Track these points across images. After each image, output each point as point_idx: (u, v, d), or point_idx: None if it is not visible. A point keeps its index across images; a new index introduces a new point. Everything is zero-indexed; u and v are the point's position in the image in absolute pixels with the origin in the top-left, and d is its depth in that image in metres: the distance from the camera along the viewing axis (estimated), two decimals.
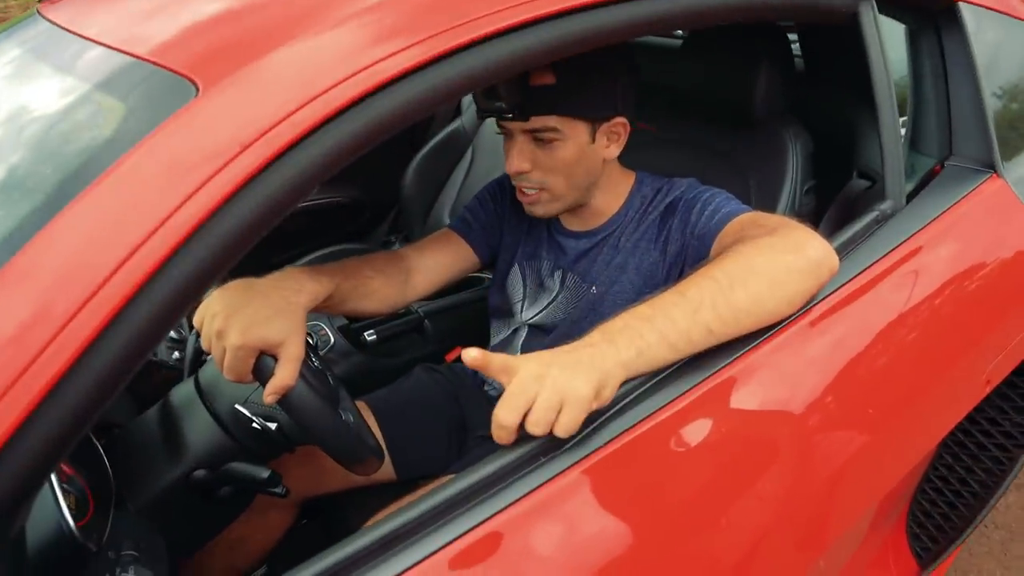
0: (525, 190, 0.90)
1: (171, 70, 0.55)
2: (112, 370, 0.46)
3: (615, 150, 0.90)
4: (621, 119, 0.88)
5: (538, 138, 0.85)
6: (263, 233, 0.52)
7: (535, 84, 0.81)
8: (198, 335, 1.15)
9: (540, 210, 0.92)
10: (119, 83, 0.60)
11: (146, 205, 0.47)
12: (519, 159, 0.86)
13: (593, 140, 0.87)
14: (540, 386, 0.57)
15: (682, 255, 0.87)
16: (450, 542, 0.55)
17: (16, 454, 0.43)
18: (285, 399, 0.69)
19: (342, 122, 0.53)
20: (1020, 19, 1.06)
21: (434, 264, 1.00)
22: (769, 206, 1.04)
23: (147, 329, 0.46)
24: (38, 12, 0.79)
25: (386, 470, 1.01)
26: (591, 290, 0.95)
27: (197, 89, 0.52)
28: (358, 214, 1.81)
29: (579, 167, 0.88)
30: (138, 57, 0.59)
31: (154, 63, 0.57)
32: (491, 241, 1.06)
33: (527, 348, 1.01)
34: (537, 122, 0.83)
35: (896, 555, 1.05)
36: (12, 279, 0.46)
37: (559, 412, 0.57)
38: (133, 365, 0.47)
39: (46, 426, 0.43)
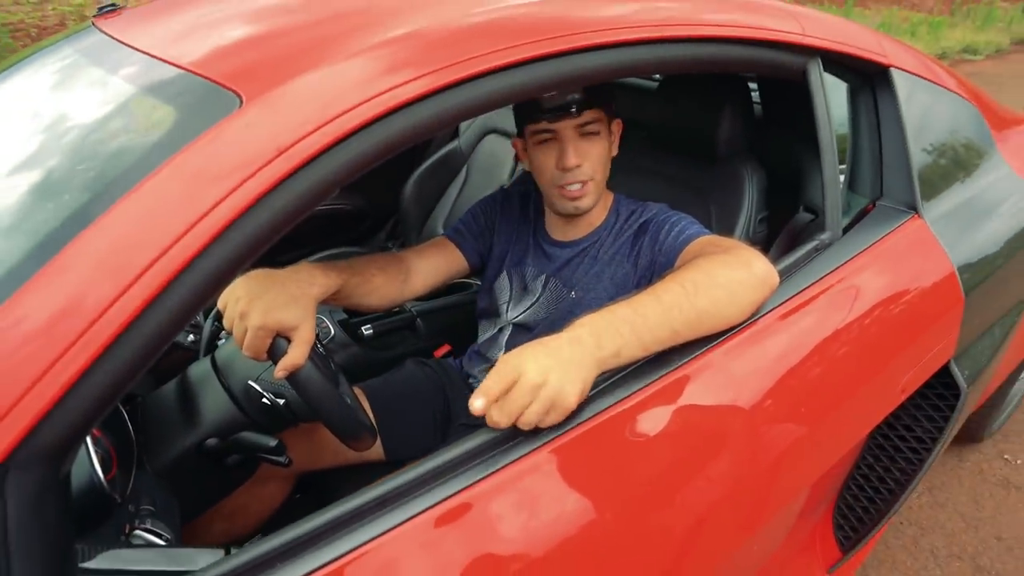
0: (572, 186, 0.92)
1: (218, 83, 0.58)
2: (148, 345, 0.49)
3: (614, 149, 0.97)
4: (618, 120, 0.95)
5: (584, 133, 0.89)
6: (286, 231, 0.54)
7: None
8: (216, 319, 1.17)
9: (586, 201, 0.94)
10: (169, 91, 0.62)
11: (191, 203, 0.50)
12: (575, 153, 0.89)
13: (610, 133, 0.94)
14: (534, 397, 0.59)
15: (651, 268, 0.91)
16: (432, 506, 0.57)
17: (71, 405, 0.45)
18: (294, 376, 0.71)
19: (361, 138, 0.55)
20: (943, 87, 1.13)
21: (430, 267, 1.03)
22: (728, 232, 1.09)
23: (176, 314, 0.49)
24: (93, 24, 0.80)
25: (376, 450, 1.02)
26: (570, 295, 0.98)
27: (241, 101, 0.55)
28: (360, 221, 1.83)
29: (607, 159, 0.94)
30: (187, 69, 0.62)
31: (202, 76, 0.60)
32: (481, 250, 1.09)
33: (511, 345, 1.04)
34: (588, 115, 0.87)
35: (822, 541, 1.10)
36: (70, 265, 0.48)
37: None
38: (164, 343, 0.50)
39: (98, 381, 0.46)
